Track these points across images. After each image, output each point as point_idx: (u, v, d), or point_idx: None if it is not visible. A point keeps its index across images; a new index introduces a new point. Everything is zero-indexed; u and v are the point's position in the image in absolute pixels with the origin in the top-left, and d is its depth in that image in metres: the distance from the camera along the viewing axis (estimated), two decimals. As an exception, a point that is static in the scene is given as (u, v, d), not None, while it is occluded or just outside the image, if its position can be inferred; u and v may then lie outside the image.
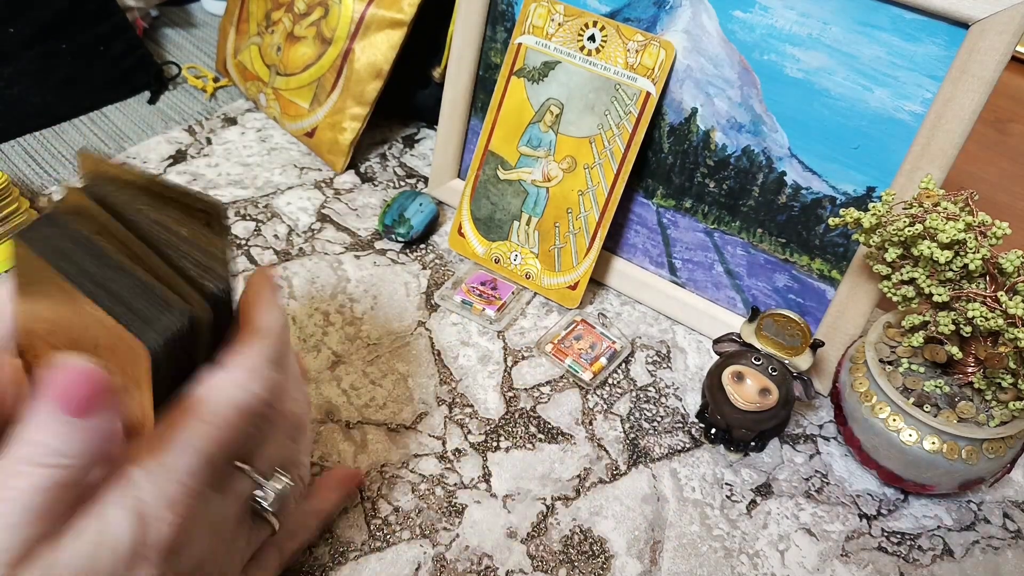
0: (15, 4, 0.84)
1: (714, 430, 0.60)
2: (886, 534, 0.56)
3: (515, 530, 0.54)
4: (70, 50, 0.88)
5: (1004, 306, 0.47)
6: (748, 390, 0.55)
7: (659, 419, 0.62)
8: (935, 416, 0.53)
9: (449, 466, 0.57)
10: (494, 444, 0.59)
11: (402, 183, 0.84)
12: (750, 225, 0.66)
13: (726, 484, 0.58)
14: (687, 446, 0.61)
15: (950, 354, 0.52)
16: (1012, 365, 0.49)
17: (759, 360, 0.56)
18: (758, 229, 0.66)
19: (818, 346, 0.58)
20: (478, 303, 0.69)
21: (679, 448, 0.61)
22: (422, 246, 0.77)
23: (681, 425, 0.62)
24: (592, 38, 0.66)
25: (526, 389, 0.64)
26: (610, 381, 0.65)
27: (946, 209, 0.50)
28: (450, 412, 0.61)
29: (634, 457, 0.59)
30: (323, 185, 0.83)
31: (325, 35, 0.81)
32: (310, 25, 0.82)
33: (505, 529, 0.54)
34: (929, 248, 0.49)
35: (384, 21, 0.78)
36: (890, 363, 0.57)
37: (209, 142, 0.87)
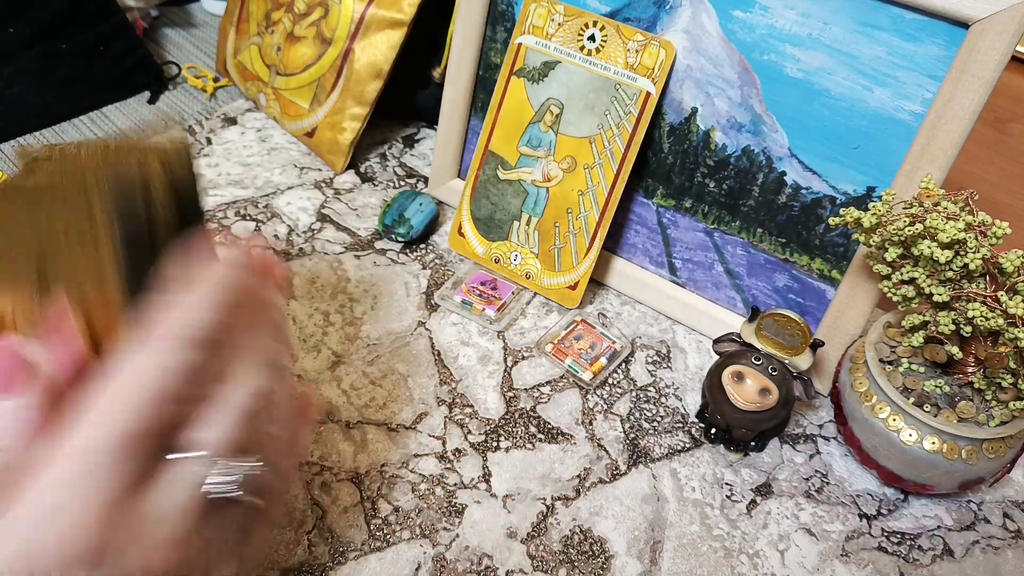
0: (15, 4, 0.84)
1: (714, 430, 0.60)
2: (886, 534, 0.56)
3: (515, 530, 0.54)
4: (70, 50, 0.88)
5: (1004, 306, 0.47)
6: (748, 390, 0.55)
7: (659, 419, 0.62)
8: (935, 416, 0.53)
9: (449, 466, 0.57)
10: (494, 444, 0.59)
11: (402, 183, 0.84)
12: (750, 225, 0.66)
13: (726, 484, 0.58)
14: (687, 446, 0.61)
15: (950, 354, 0.52)
16: (1012, 365, 0.49)
17: (759, 360, 0.56)
18: (758, 229, 0.66)
19: (818, 346, 0.58)
20: (478, 303, 0.69)
21: (679, 448, 0.61)
22: (422, 246, 0.77)
23: (681, 425, 0.62)
24: (592, 38, 0.66)
25: (526, 389, 0.64)
26: (610, 381, 0.65)
27: (946, 209, 0.50)
28: (450, 412, 0.61)
29: (634, 457, 0.59)
30: (323, 185, 0.83)
31: (325, 35, 0.81)
32: (310, 25, 0.82)
33: (505, 529, 0.54)
34: (929, 248, 0.49)
35: (384, 21, 0.78)
36: (890, 363, 0.57)
37: (209, 142, 0.87)
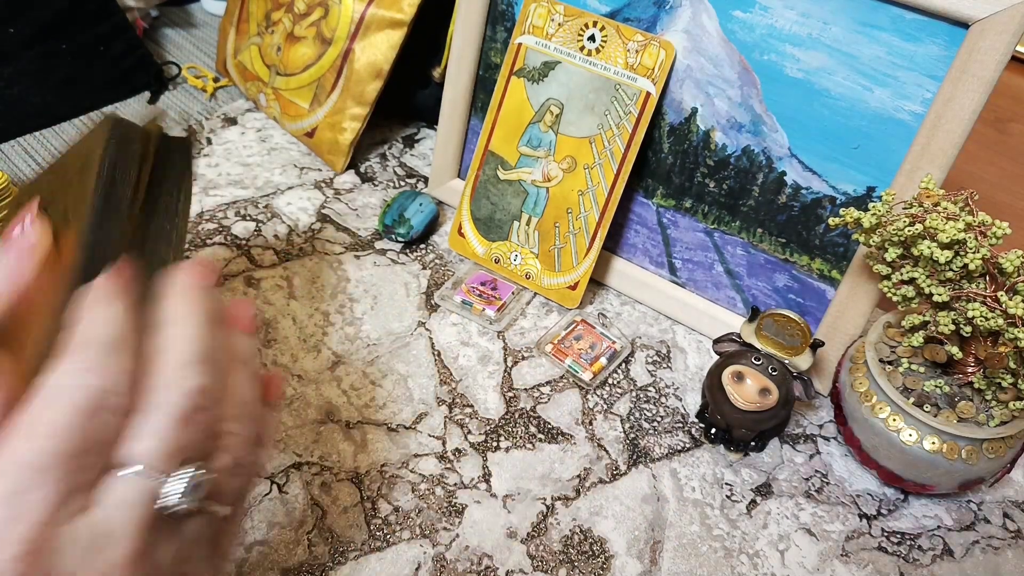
0: (15, 4, 0.84)
1: (714, 430, 0.60)
2: (886, 534, 0.56)
3: (515, 530, 0.54)
4: (70, 50, 0.88)
5: (1004, 306, 0.47)
6: (748, 390, 0.55)
7: (659, 419, 0.62)
8: (935, 416, 0.53)
9: (449, 466, 0.57)
10: (494, 444, 0.59)
11: (402, 183, 0.84)
12: (750, 225, 0.66)
13: (726, 484, 0.58)
14: (687, 446, 0.61)
15: (950, 354, 0.52)
16: (1012, 365, 0.49)
17: (759, 360, 0.56)
18: (758, 229, 0.66)
19: (818, 346, 0.58)
20: (478, 303, 0.69)
21: (679, 448, 0.60)
22: (422, 246, 0.77)
23: (681, 425, 0.62)
24: (592, 38, 0.66)
25: (526, 389, 0.64)
26: (610, 381, 0.65)
27: (946, 209, 0.50)
28: (450, 412, 0.61)
29: (634, 457, 0.59)
30: (323, 185, 0.83)
31: (325, 35, 0.81)
32: (310, 25, 0.82)
33: (505, 529, 0.54)
34: (929, 248, 0.49)
35: (384, 21, 0.78)
36: (890, 363, 0.57)
37: (209, 142, 0.87)
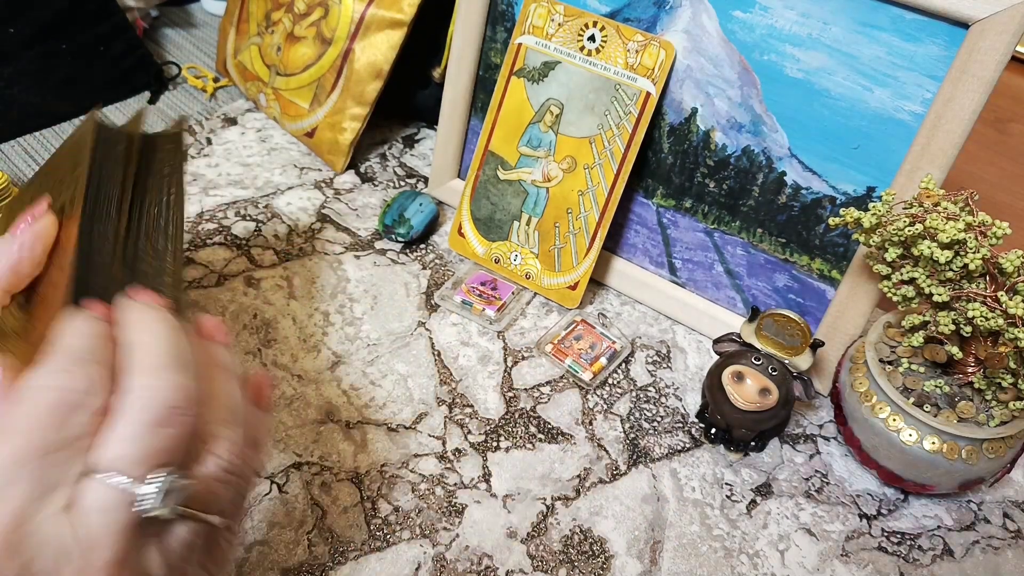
0: (15, 4, 0.84)
1: (714, 430, 0.60)
2: (886, 534, 0.56)
3: (515, 530, 0.54)
4: (70, 50, 0.88)
5: (1004, 306, 0.47)
6: (748, 390, 0.55)
7: (659, 419, 0.62)
8: (935, 416, 0.53)
9: (449, 466, 0.57)
10: (494, 444, 0.59)
11: (402, 183, 0.84)
12: (750, 225, 0.66)
13: (726, 484, 0.58)
14: (687, 446, 0.61)
15: (950, 354, 0.52)
16: (1012, 365, 0.49)
17: (759, 360, 0.56)
18: (758, 229, 0.66)
19: (818, 346, 0.58)
20: (478, 303, 0.69)
21: (679, 448, 0.60)
22: (422, 246, 0.77)
23: (681, 425, 0.62)
24: (592, 38, 0.66)
25: (526, 389, 0.64)
26: (610, 381, 0.65)
27: (946, 209, 0.50)
28: (450, 412, 0.61)
29: (634, 457, 0.59)
30: (323, 185, 0.83)
31: (325, 35, 0.81)
32: (310, 25, 0.82)
33: (505, 529, 0.54)
34: (929, 248, 0.49)
35: (384, 21, 0.78)
36: (890, 363, 0.57)
37: (209, 142, 0.87)
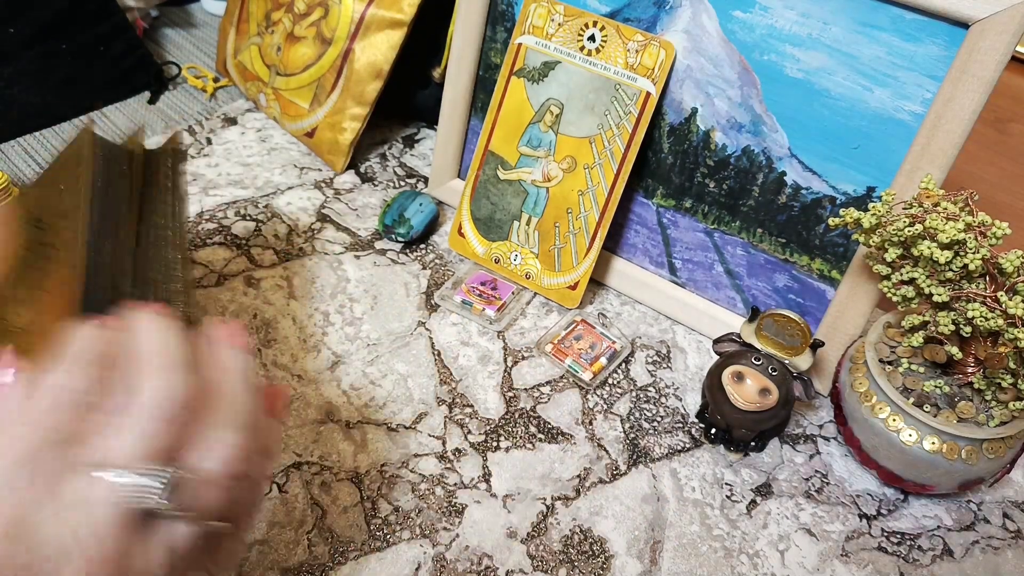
0: (15, 4, 0.84)
1: (714, 430, 0.60)
2: (886, 534, 0.56)
3: (515, 530, 0.54)
4: (70, 50, 0.88)
5: (1004, 306, 0.47)
6: (748, 390, 0.55)
7: (659, 419, 0.62)
8: (935, 416, 0.53)
9: (449, 466, 0.57)
10: (494, 444, 0.59)
11: (402, 183, 0.84)
12: (750, 225, 0.66)
13: (726, 484, 0.58)
14: (687, 446, 0.61)
15: (950, 354, 0.52)
16: (1012, 365, 0.49)
17: (759, 360, 0.56)
18: (758, 229, 0.66)
19: (818, 346, 0.58)
20: (478, 303, 0.69)
21: (679, 448, 0.60)
22: (422, 246, 0.77)
23: (681, 425, 0.62)
24: (592, 38, 0.66)
25: (526, 389, 0.64)
26: (610, 381, 0.65)
27: (946, 209, 0.50)
28: (450, 412, 0.61)
29: (634, 457, 0.59)
30: (323, 185, 0.83)
31: (325, 35, 0.81)
32: (310, 25, 0.82)
33: (505, 529, 0.54)
34: (929, 248, 0.49)
35: (384, 21, 0.78)
36: (890, 363, 0.57)
37: (209, 142, 0.87)
